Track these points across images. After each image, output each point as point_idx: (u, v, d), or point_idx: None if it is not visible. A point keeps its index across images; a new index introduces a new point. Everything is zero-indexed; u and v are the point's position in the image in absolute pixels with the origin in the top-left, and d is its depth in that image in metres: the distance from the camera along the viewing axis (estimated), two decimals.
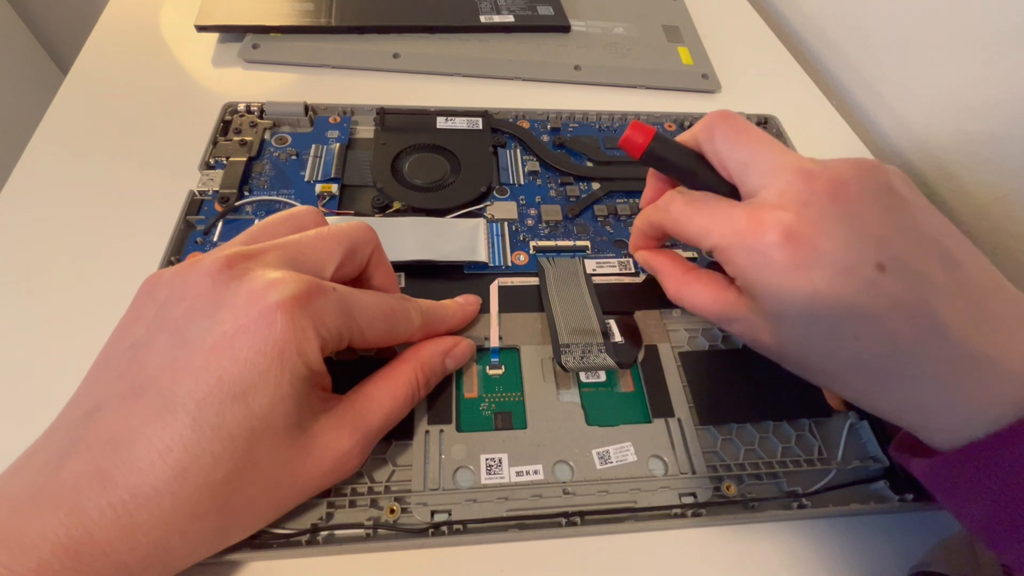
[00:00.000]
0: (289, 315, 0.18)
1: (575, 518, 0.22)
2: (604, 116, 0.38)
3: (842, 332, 0.19)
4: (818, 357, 0.20)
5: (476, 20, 0.45)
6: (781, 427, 0.25)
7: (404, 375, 0.22)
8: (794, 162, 0.20)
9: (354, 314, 0.20)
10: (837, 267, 0.18)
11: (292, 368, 0.18)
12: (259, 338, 0.17)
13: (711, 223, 0.21)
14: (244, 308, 0.18)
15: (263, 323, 0.17)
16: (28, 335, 0.26)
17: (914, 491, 0.24)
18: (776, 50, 0.50)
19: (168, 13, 0.44)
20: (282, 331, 0.17)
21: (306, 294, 0.18)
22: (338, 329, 0.19)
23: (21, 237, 0.29)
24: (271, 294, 0.18)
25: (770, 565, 0.23)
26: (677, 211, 0.22)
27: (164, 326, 0.18)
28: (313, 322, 0.18)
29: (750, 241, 0.19)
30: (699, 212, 0.21)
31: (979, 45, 0.38)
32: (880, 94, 0.46)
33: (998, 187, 0.37)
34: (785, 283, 0.19)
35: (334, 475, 0.20)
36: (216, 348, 0.17)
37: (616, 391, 0.26)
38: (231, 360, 0.17)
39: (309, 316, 0.18)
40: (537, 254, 0.30)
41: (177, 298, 0.19)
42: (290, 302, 0.18)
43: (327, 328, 0.19)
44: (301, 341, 0.18)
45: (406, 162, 0.33)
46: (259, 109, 0.35)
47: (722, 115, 0.22)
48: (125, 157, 0.34)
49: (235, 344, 0.17)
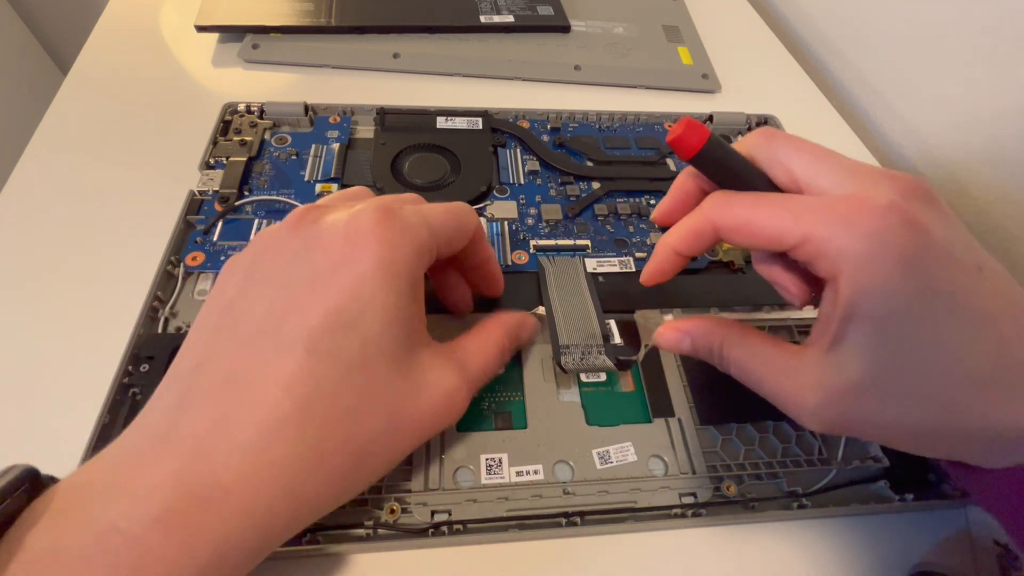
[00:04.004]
0: (379, 237, 0.18)
1: (575, 518, 0.22)
2: (604, 116, 0.38)
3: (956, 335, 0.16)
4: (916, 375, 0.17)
5: (476, 20, 0.45)
6: (781, 427, 0.25)
7: (493, 334, 0.22)
8: (865, 166, 0.18)
9: (431, 221, 0.20)
10: (950, 259, 0.16)
11: (396, 289, 0.18)
12: (358, 267, 0.17)
13: (800, 213, 0.17)
14: (334, 244, 0.18)
15: (357, 253, 0.18)
16: (28, 335, 0.26)
17: (914, 491, 0.24)
18: (776, 50, 0.50)
19: (168, 13, 0.44)
20: (377, 255, 0.18)
21: (387, 211, 0.18)
22: (428, 240, 0.19)
23: (21, 237, 0.29)
24: (355, 224, 0.18)
25: (770, 565, 0.23)
26: (745, 205, 0.19)
27: (257, 279, 0.18)
28: (405, 239, 0.18)
29: (863, 223, 0.16)
30: (778, 205, 0.18)
31: (979, 45, 0.38)
32: (880, 94, 0.46)
33: (998, 187, 0.37)
34: (900, 271, 0.16)
35: (445, 415, 0.20)
36: (317, 284, 0.17)
37: (616, 391, 0.26)
38: (337, 291, 0.17)
39: (398, 231, 0.18)
40: (537, 253, 0.30)
41: (261, 257, 0.19)
42: (376, 224, 0.18)
43: (420, 242, 0.19)
44: (400, 259, 0.18)
45: (406, 162, 0.33)
46: (259, 109, 0.35)
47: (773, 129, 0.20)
48: (125, 157, 0.34)
49: (336, 277, 0.17)
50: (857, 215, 0.16)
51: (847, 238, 0.16)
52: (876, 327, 0.16)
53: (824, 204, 0.17)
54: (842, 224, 0.16)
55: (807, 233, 0.17)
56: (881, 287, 0.16)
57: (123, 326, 0.25)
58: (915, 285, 0.16)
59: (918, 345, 0.16)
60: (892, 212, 0.16)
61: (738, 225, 0.19)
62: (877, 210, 0.16)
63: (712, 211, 0.19)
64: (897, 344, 0.16)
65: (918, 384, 0.17)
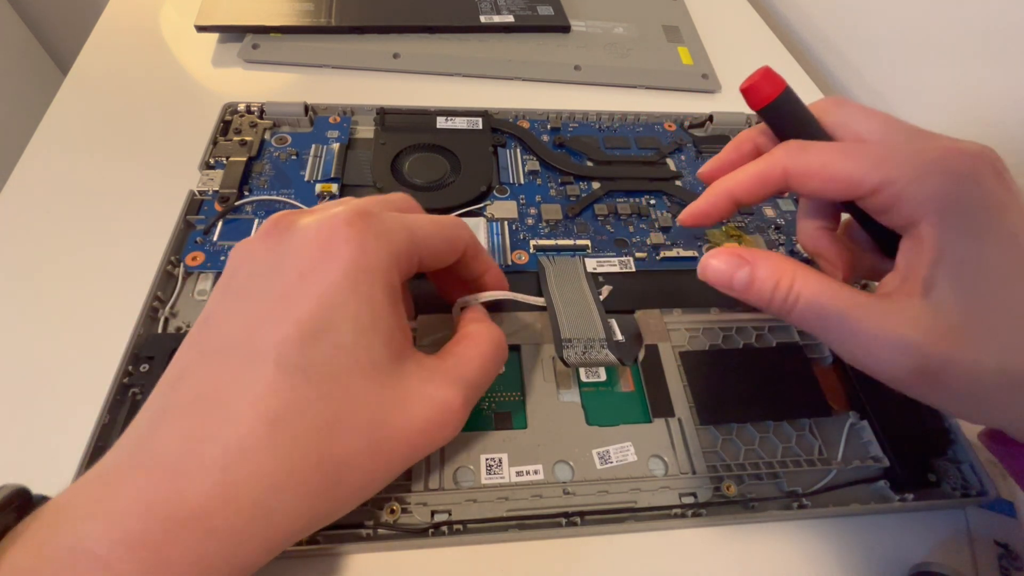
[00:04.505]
0: (350, 240, 0.17)
1: (575, 518, 0.22)
2: (604, 116, 0.38)
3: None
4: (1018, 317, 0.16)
5: (476, 20, 0.45)
6: (781, 427, 0.25)
7: (484, 333, 0.21)
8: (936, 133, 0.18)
9: (412, 226, 0.19)
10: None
11: (369, 295, 0.17)
12: (328, 272, 0.17)
13: (882, 158, 0.17)
14: (305, 250, 0.17)
15: (328, 258, 0.17)
16: (28, 335, 0.26)
17: (914, 491, 0.24)
18: (776, 50, 0.50)
19: (168, 13, 0.44)
20: (350, 260, 0.17)
21: (360, 213, 0.18)
22: (406, 245, 0.18)
23: (21, 237, 0.29)
24: (326, 227, 0.17)
25: (770, 565, 0.23)
26: (823, 150, 0.18)
27: (231, 293, 0.18)
28: (380, 242, 0.18)
29: (954, 165, 0.16)
30: (858, 149, 0.18)
31: (979, 45, 0.38)
32: (880, 94, 0.46)
33: None
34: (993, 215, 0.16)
35: (441, 430, 0.18)
36: (288, 294, 0.17)
37: (616, 391, 0.26)
38: (305, 300, 0.16)
39: (374, 237, 0.17)
40: (537, 253, 0.30)
41: (236, 270, 0.18)
42: (348, 226, 0.17)
43: (396, 246, 0.18)
44: (373, 264, 0.17)
45: (406, 162, 0.33)
46: (259, 109, 0.35)
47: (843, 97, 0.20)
48: (125, 157, 0.34)
49: (306, 285, 0.17)
50: (946, 158, 0.16)
51: (936, 179, 0.16)
52: (970, 269, 0.16)
53: (910, 149, 0.17)
54: (932, 166, 0.16)
55: (889, 177, 0.17)
56: (975, 228, 0.16)
57: (123, 326, 0.25)
58: (1005, 229, 0.16)
59: (1014, 290, 0.16)
60: (981, 157, 0.16)
61: (813, 170, 0.18)
62: (966, 154, 0.16)
63: (786, 156, 0.19)
64: (993, 289, 0.16)
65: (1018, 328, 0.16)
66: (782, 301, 0.18)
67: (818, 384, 0.26)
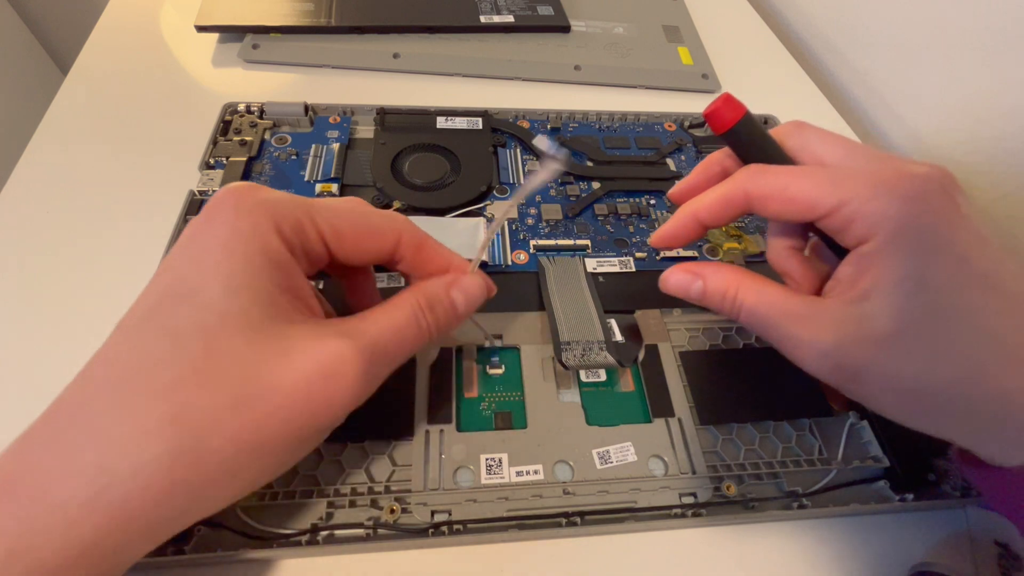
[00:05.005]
0: (228, 205, 0.18)
1: (575, 518, 0.22)
2: (604, 116, 0.38)
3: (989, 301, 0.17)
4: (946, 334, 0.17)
5: (476, 20, 0.45)
6: (781, 427, 0.25)
7: (403, 299, 0.20)
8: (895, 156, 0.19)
9: (309, 203, 0.19)
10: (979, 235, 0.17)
11: (243, 255, 0.17)
12: (204, 237, 0.17)
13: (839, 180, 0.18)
14: (193, 224, 0.18)
15: (208, 224, 0.18)
16: (28, 335, 0.26)
17: (914, 491, 0.24)
18: (776, 50, 0.50)
19: (168, 13, 0.44)
20: (224, 224, 0.17)
21: (244, 186, 0.18)
22: (293, 214, 0.18)
23: (21, 237, 0.29)
24: (212, 200, 0.18)
25: (770, 565, 0.23)
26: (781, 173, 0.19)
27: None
28: (259, 206, 0.18)
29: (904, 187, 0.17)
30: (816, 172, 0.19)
31: (979, 46, 0.38)
32: (880, 94, 0.46)
33: (999, 187, 0.37)
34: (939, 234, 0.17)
35: (324, 388, 0.17)
36: (169, 260, 0.18)
37: (616, 391, 0.26)
38: (180, 264, 0.17)
39: (251, 200, 0.18)
40: (537, 253, 0.30)
41: None
42: (228, 193, 0.18)
43: (278, 212, 0.18)
44: (246, 227, 0.17)
45: (406, 162, 0.33)
46: (259, 109, 0.35)
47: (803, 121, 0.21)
48: (125, 157, 0.34)
49: (185, 251, 0.18)
50: (898, 180, 0.17)
51: (888, 200, 0.17)
52: (910, 285, 0.17)
53: (865, 172, 0.18)
54: (884, 188, 0.17)
55: (845, 198, 0.18)
56: (920, 246, 0.17)
57: None
58: (951, 250, 0.17)
59: (951, 307, 0.17)
60: (931, 180, 0.17)
61: (773, 192, 0.19)
62: (917, 176, 0.17)
63: (747, 180, 0.20)
64: (930, 304, 0.17)
65: (947, 342, 0.17)
66: (729, 309, 0.20)
67: (818, 384, 0.26)
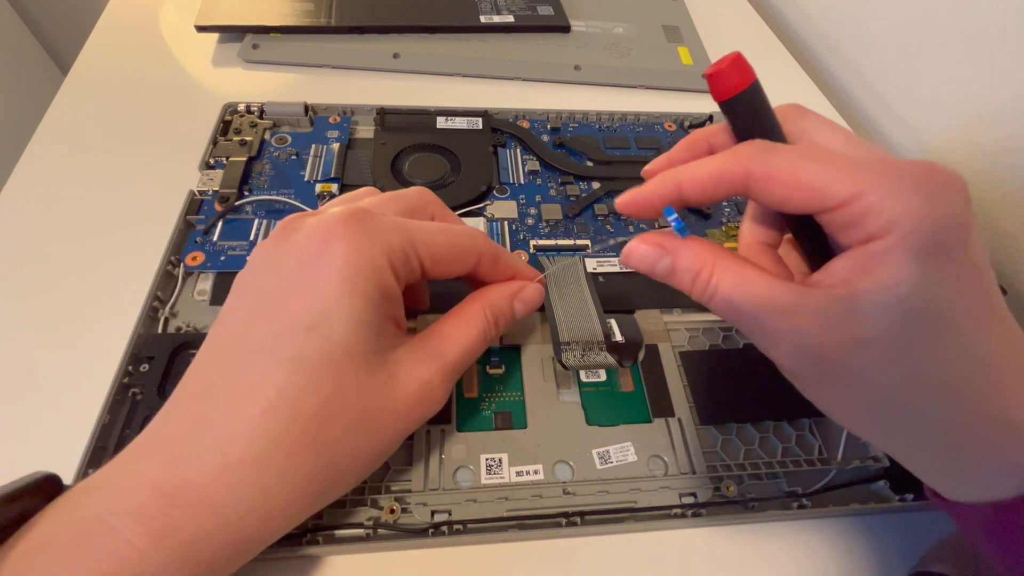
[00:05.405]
0: (344, 238, 0.18)
1: (575, 518, 0.22)
2: (604, 116, 0.38)
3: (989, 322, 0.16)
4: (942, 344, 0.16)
5: (476, 20, 0.45)
6: (781, 427, 0.25)
7: (472, 312, 0.22)
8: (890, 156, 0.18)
9: (412, 230, 0.20)
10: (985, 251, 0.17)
11: (363, 292, 0.18)
12: (323, 270, 0.18)
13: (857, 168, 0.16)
14: (303, 248, 0.18)
15: (322, 256, 0.18)
16: (28, 335, 0.26)
17: (914, 491, 0.24)
18: (776, 50, 0.50)
19: (168, 13, 0.44)
20: (344, 257, 0.18)
21: (358, 215, 0.19)
22: (402, 246, 0.19)
23: (21, 237, 0.29)
24: (322, 226, 0.18)
25: (770, 565, 0.23)
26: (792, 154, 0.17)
27: (240, 290, 0.19)
28: (374, 241, 0.18)
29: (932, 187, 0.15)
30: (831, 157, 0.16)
31: (979, 45, 0.38)
32: (880, 94, 0.46)
33: (999, 187, 0.37)
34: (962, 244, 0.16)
35: (421, 408, 0.20)
36: (284, 289, 0.18)
37: (616, 391, 0.26)
38: (300, 295, 0.18)
39: (368, 236, 0.18)
40: (537, 253, 0.30)
41: (249, 270, 0.20)
42: (343, 225, 0.18)
43: (391, 246, 0.19)
44: (366, 262, 0.18)
45: (406, 162, 0.33)
46: (259, 109, 0.35)
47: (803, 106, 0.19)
48: (125, 157, 0.33)
49: (301, 281, 0.18)
50: (925, 176, 0.15)
51: (911, 196, 0.15)
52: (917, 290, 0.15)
53: (883, 163, 0.16)
54: (908, 182, 0.15)
55: (862, 189, 0.15)
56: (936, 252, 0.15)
57: (123, 326, 0.25)
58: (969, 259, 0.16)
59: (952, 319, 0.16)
60: (957, 184, 0.16)
61: (781, 174, 0.16)
62: (944, 175, 0.16)
63: (751, 156, 0.17)
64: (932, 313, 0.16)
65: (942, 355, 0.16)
66: (700, 292, 0.18)
67: None
